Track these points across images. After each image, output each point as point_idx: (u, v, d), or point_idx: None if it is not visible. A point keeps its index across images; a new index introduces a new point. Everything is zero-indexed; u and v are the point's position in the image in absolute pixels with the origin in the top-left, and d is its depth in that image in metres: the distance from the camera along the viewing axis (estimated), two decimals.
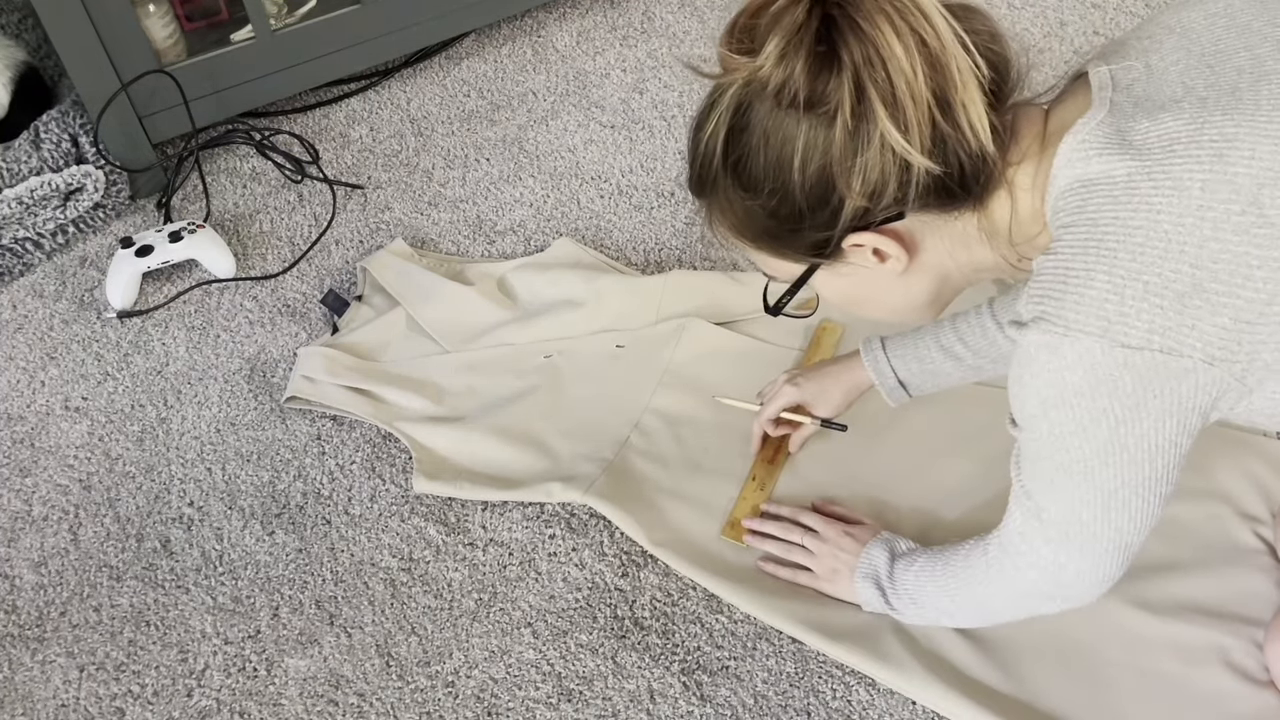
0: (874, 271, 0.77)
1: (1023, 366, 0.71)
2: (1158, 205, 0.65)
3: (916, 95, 0.67)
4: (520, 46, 1.77)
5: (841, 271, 0.78)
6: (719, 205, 0.78)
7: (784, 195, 0.72)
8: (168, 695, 1.05)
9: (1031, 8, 1.75)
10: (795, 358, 1.27)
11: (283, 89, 1.60)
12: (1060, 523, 0.77)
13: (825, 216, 0.73)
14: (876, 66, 0.66)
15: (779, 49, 0.68)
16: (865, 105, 0.67)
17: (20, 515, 1.21)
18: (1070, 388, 0.68)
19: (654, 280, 1.35)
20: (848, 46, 0.67)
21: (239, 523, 1.18)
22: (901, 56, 0.66)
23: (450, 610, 1.10)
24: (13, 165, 1.44)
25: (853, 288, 0.81)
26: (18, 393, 1.33)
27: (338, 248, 1.48)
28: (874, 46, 0.66)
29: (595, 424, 1.23)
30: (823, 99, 0.68)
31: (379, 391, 1.27)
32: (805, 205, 0.72)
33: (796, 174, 0.71)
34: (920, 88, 0.67)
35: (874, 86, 0.67)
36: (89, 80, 1.43)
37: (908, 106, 0.67)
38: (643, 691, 1.02)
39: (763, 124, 0.71)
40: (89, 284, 1.45)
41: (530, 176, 1.55)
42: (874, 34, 0.66)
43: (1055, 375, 0.68)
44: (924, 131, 0.68)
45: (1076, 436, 0.71)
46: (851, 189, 0.70)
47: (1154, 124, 0.67)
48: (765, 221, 0.75)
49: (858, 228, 0.73)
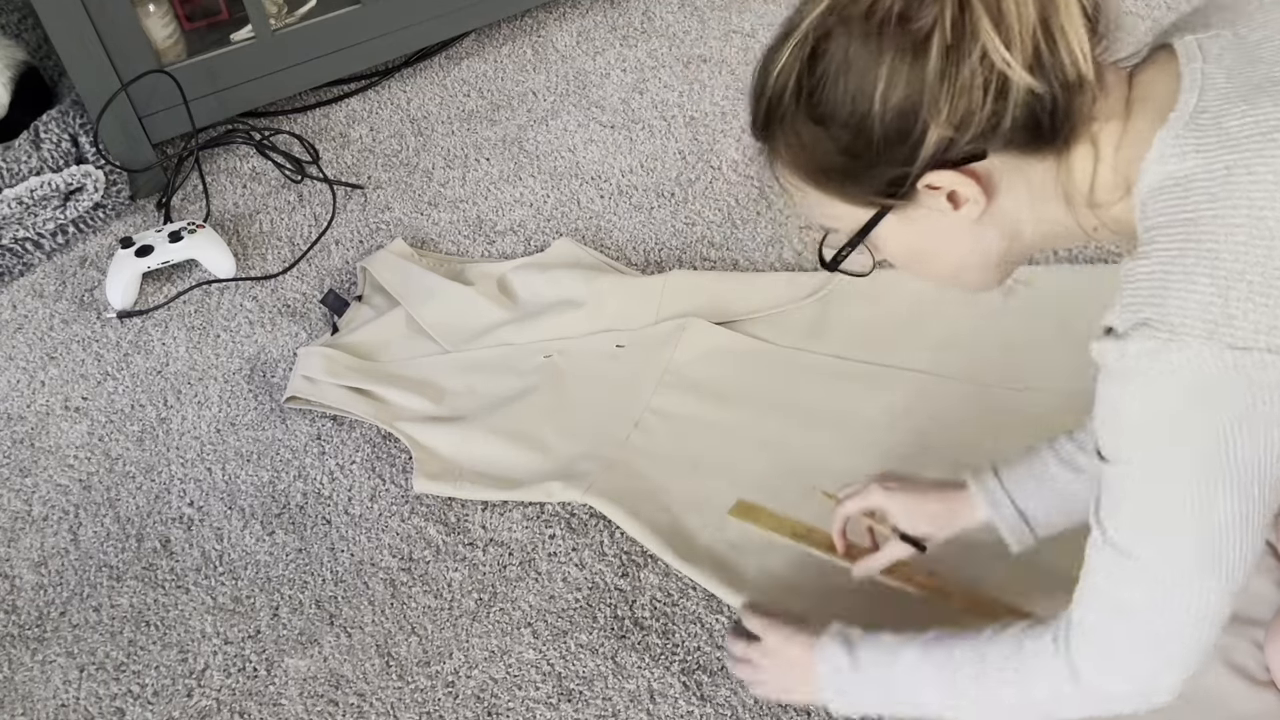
0: (946, 218, 0.72)
1: (1120, 383, 0.66)
2: (1259, 200, 0.62)
3: (1022, 10, 0.63)
4: (520, 46, 1.77)
5: (911, 217, 0.73)
6: (784, 142, 0.73)
7: (861, 126, 0.68)
8: (168, 695, 1.05)
9: None
10: (795, 358, 1.27)
11: (283, 89, 1.60)
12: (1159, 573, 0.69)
13: (904, 151, 0.68)
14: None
15: None
16: (968, 17, 0.63)
17: (20, 515, 1.21)
18: (1176, 398, 0.63)
19: (654, 280, 1.35)
20: None
21: (239, 523, 1.18)
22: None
23: (450, 610, 1.10)
24: (13, 165, 1.44)
25: (920, 237, 0.76)
26: (18, 393, 1.33)
27: (338, 248, 1.48)
28: None
29: (595, 424, 1.23)
30: (919, 14, 0.64)
31: (379, 391, 1.27)
32: (883, 137, 0.68)
33: (878, 102, 0.67)
34: (1029, 6, 0.63)
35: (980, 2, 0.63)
36: (89, 80, 1.43)
37: (1013, 21, 0.63)
38: (643, 691, 1.02)
39: (844, 50, 0.67)
40: (89, 284, 1.45)
41: (530, 176, 1.55)
42: None
43: (1160, 385, 0.64)
44: (1027, 49, 0.64)
45: (1179, 458, 0.65)
46: (939, 116, 0.66)
47: (1251, 108, 0.64)
48: (836, 158, 0.71)
49: (937, 164, 0.69)
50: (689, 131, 1.59)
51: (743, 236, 1.43)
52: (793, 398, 1.23)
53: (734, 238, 1.43)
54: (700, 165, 1.54)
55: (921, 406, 1.20)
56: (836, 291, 1.33)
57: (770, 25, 1.76)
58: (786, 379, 1.25)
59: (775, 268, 1.39)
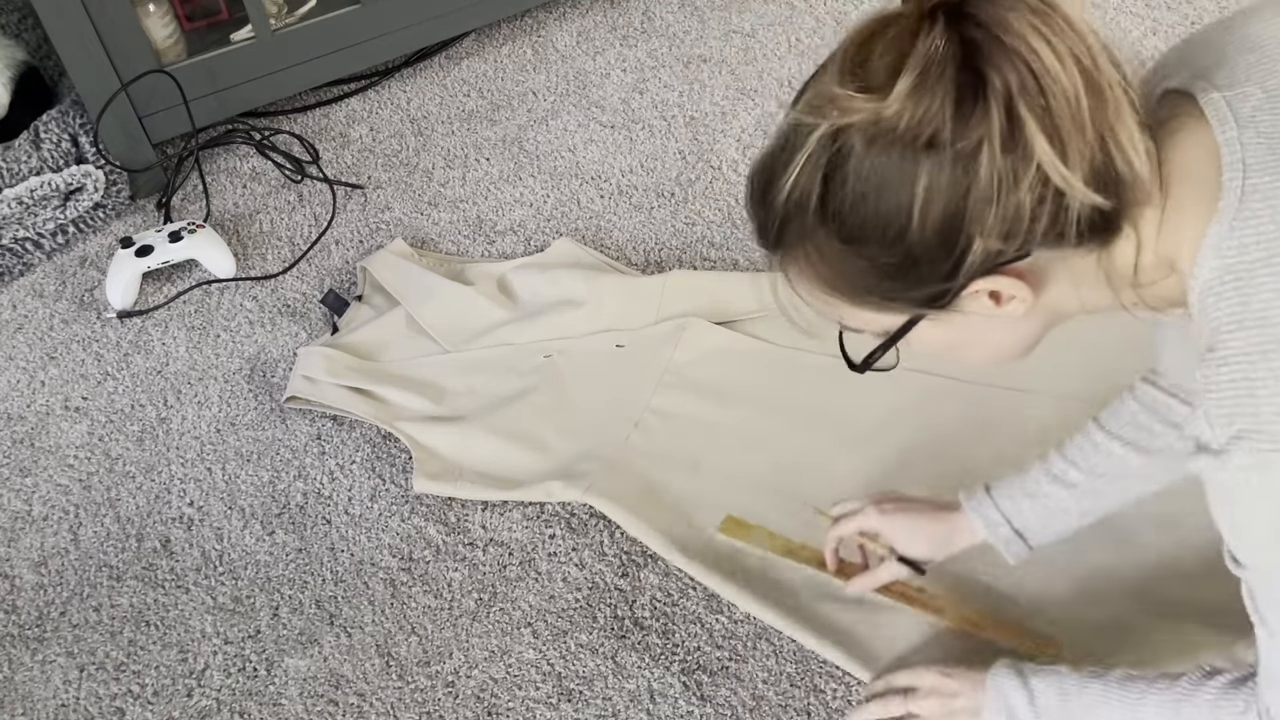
0: (989, 316, 0.68)
1: (1233, 499, 0.64)
2: None
3: (1079, 119, 0.59)
4: (520, 46, 1.77)
5: (951, 321, 0.69)
6: (805, 259, 0.68)
7: (897, 245, 0.64)
8: (168, 695, 1.05)
9: None
10: (795, 357, 1.27)
11: (283, 89, 1.60)
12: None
13: (947, 266, 0.64)
14: (1032, 91, 0.58)
15: (913, 84, 0.59)
16: (1019, 135, 0.59)
17: (20, 515, 1.21)
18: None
19: (654, 280, 1.35)
20: (998, 70, 0.59)
21: (239, 522, 1.18)
22: (1062, 78, 0.58)
23: (450, 610, 1.10)
24: (13, 165, 1.44)
25: (957, 334, 0.72)
26: (18, 393, 1.33)
27: (338, 248, 1.48)
28: (1029, 67, 0.58)
29: (595, 423, 1.23)
30: (963, 134, 0.60)
31: (379, 391, 1.27)
32: (923, 254, 0.64)
33: (915, 220, 0.62)
34: (1083, 111, 0.59)
35: (1031, 114, 0.59)
36: (89, 80, 1.43)
37: (1070, 134, 0.59)
38: (643, 691, 1.02)
39: (869, 166, 0.62)
40: (89, 284, 1.45)
41: (530, 176, 1.55)
42: (1026, 52, 0.58)
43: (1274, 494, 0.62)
44: (1085, 161, 0.60)
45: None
46: (986, 230, 0.62)
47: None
48: (869, 276, 0.66)
49: (983, 272, 0.65)
50: (689, 131, 1.59)
51: (743, 236, 1.43)
52: (793, 398, 1.23)
53: (734, 238, 1.43)
54: (700, 165, 1.54)
55: (921, 406, 1.20)
56: None
57: (770, 25, 1.76)
58: (786, 379, 1.25)
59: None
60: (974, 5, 0.59)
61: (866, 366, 0.75)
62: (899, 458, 1.16)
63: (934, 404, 1.19)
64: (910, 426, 1.19)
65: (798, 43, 1.73)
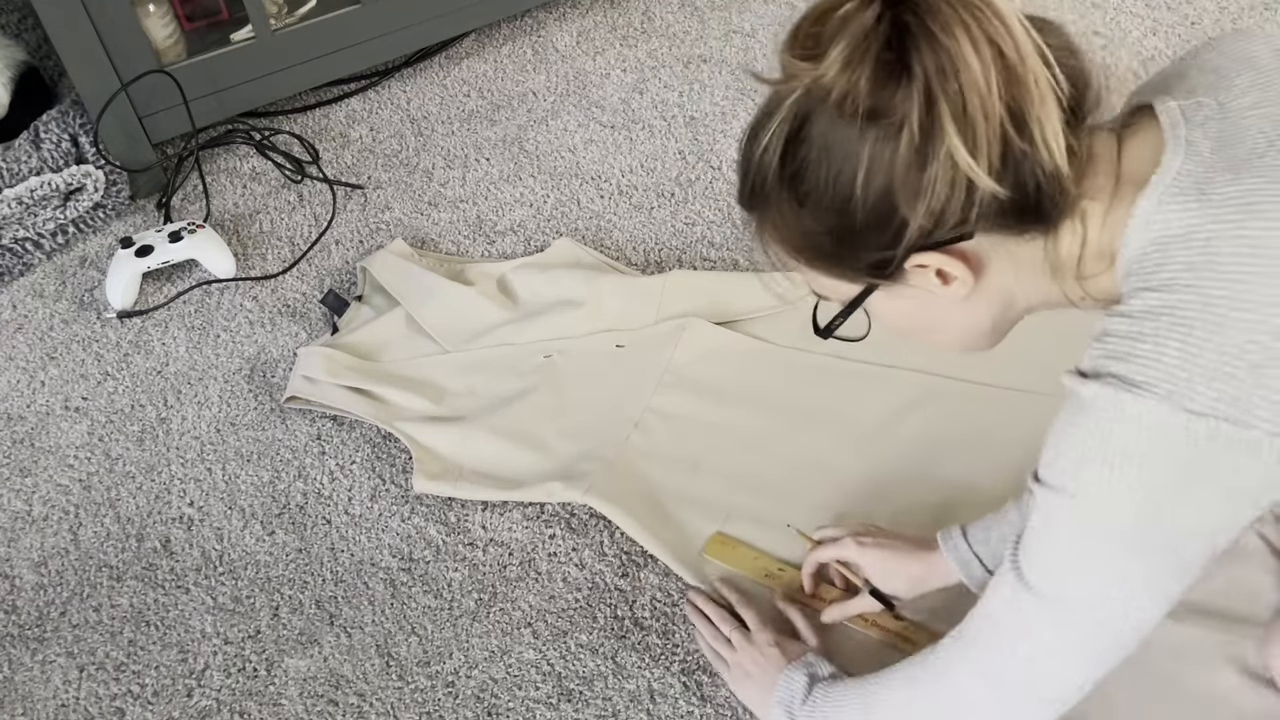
0: (936, 295, 0.72)
1: (1073, 414, 0.67)
2: (1236, 274, 0.62)
3: (989, 111, 0.62)
4: (520, 46, 1.77)
5: (901, 294, 0.73)
6: (772, 220, 0.74)
7: (844, 212, 0.68)
8: (168, 695, 1.05)
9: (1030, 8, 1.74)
10: (795, 357, 1.27)
11: (283, 89, 1.60)
12: (1053, 598, 0.70)
13: (887, 236, 0.68)
14: (949, 78, 0.62)
15: (844, 55, 0.64)
16: (934, 120, 0.63)
17: (20, 515, 1.21)
18: (1119, 444, 0.64)
19: (654, 280, 1.35)
20: (919, 56, 0.62)
21: (239, 523, 1.18)
22: (976, 69, 0.62)
23: (450, 610, 1.10)
24: (13, 165, 1.44)
25: (912, 312, 0.76)
26: (18, 393, 1.33)
27: (338, 248, 1.48)
28: (948, 56, 0.62)
29: (595, 424, 1.23)
30: (888, 110, 0.64)
31: (379, 391, 1.27)
32: (866, 223, 0.68)
33: (859, 190, 0.67)
34: (994, 103, 0.62)
35: (945, 100, 0.62)
36: (89, 80, 1.43)
37: (979, 123, 0.63)
38: (643, 691, 1.02)
39: (824, 136, 0.67)
40: (89, 284, 1.45)
41: (530, 176, 1.55)
42: (949, 43, 0.62)
43: (1107, 427, 0.64)
44: (994, 150, 0.63)
45: (1108, 501, 0.65)
46: (915, 209, 0.66)
47: (1235, 180, 0.64)
48: (822, 239, 0.71)
49: (922, 247, 0.69)
50: (689, 131, 1.59)
51: (743, 236, 1.43)
52: (792, 398, 1.23)
53: (734, 238, 1.43)
54: (700, 165, 1.54)
55: (920, 406, 1.20)
56: None
57: (770, 25, 1.76)
58: (786, 379, 1.25)
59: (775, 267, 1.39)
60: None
61: (828, 333, 0.80)
62: (899, 457, 1.16)
63: (934, 404, 1.19)
64: (910, 426, 1.19)
65: None
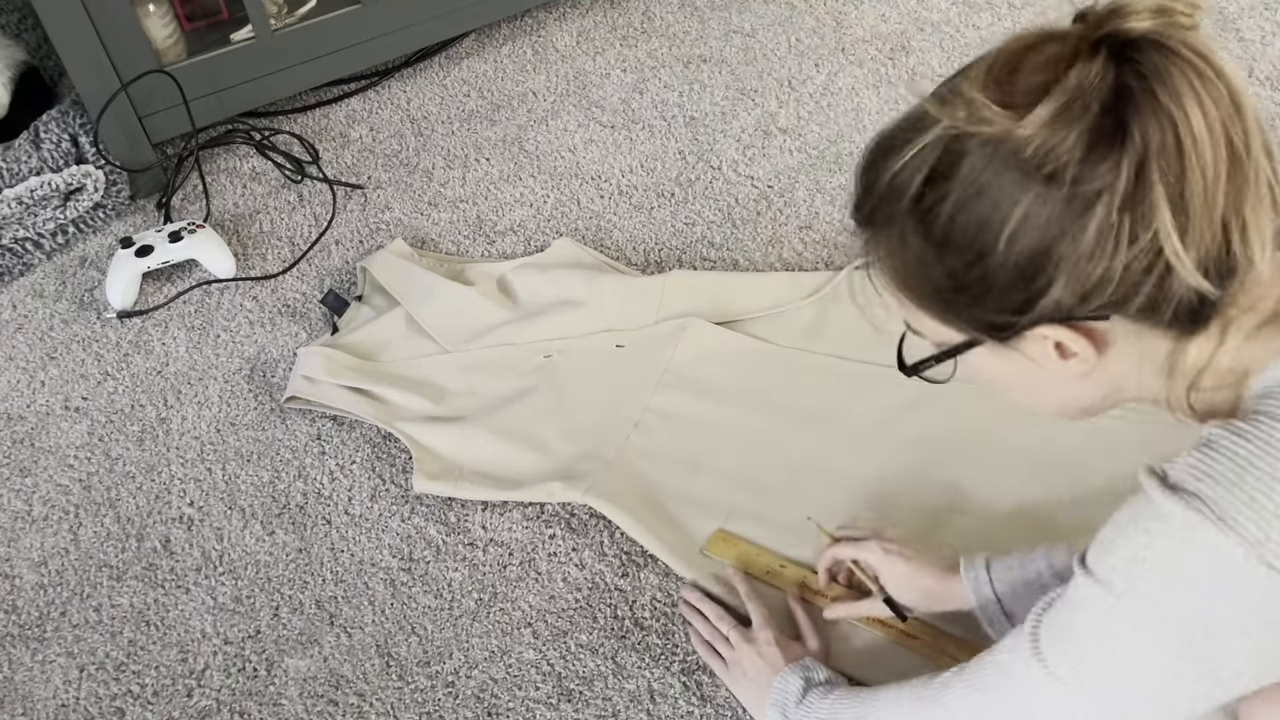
0: (1046, 366, 0.65)
1: (1142, 517, 0.61)
2: None
3: (1212, 200, 0.55)
4: (520, 46, 1.77)
5: (1008, 357, 0.66)
6: (888, 245, 0.66)
7: (978, 262, 0.61)
8: (168, 695, 1.05)
9: (1031, 7, 1.75)
10: (795, 358, 1.27)
11: (283, 89, 1.60)
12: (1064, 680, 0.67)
13: (1019, 300, 0.62)
14: (1171, 156, 0.55)
15: (1054, 113, 0.56)
16: (1143, 199, 0.56)
17: (20, 515, 1.21)
18: (1185, 568, 0.59)
19: (654, 280, 1.35)
20: (1141, 125, 0.55)
21: (239, 522, 1.18)
22: (1207, 151, 0.55)
23: (450, 610, 1.10)
24: (13, 165, 1.44)
25: (1013, 374, 0.69)
26: (18, 393, 1.33)
27: (338, 248, 1.48)
28: (1174, 132, 0.55)
29: (596, 424, 1.23)
30: (1084, 178, 0.57)
31: (379, 391, 1.27)
32: (1000, 280, 0.61)
33: (1003, 244, 0.60)
34: (1219, 192, 0.55)
35: (1161, 179, 0.55)
36: (89, 80, 1.43)
37: (1197, 211, 0.55)
38: (643, 691, 1.02)
39: (979, 176, 0.59)
40: (89, 284, 1.45)
41: (530, 176, 1.55)
42: (1178, 116, 0.55)
43: (1177, 549, 0.59)
44: (1205, 243, 0.56)
45: (1156, 613, 0.60)
46: (1071, 279, 0.59)
47: None
48: (942, 282, 0.64)
49: (1054, 319, 0.62)
50: (689, 131, 1.59)
51: (743, 236, 1.43)
52: (793, 398, 1.23)
53: (734, 238, 1.43)
54: (700, 165, 1.54)
55: (920, 406, 1.20)
56: (836, 291, 1.33)
57: (770, 25, 1.76)
58: (786, 379, 1.25)
59: (775, 268, 1.39)
60: (1141, 50, 0.56)
61: (914, 372, 0.74)
62: (899, 458, 1.16)
63: (934, 404, 1.19)
64: (910, 426, 1.19)
65: (798, 43, 1.73)
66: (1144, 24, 0.56)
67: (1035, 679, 0.68)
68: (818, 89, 1.64)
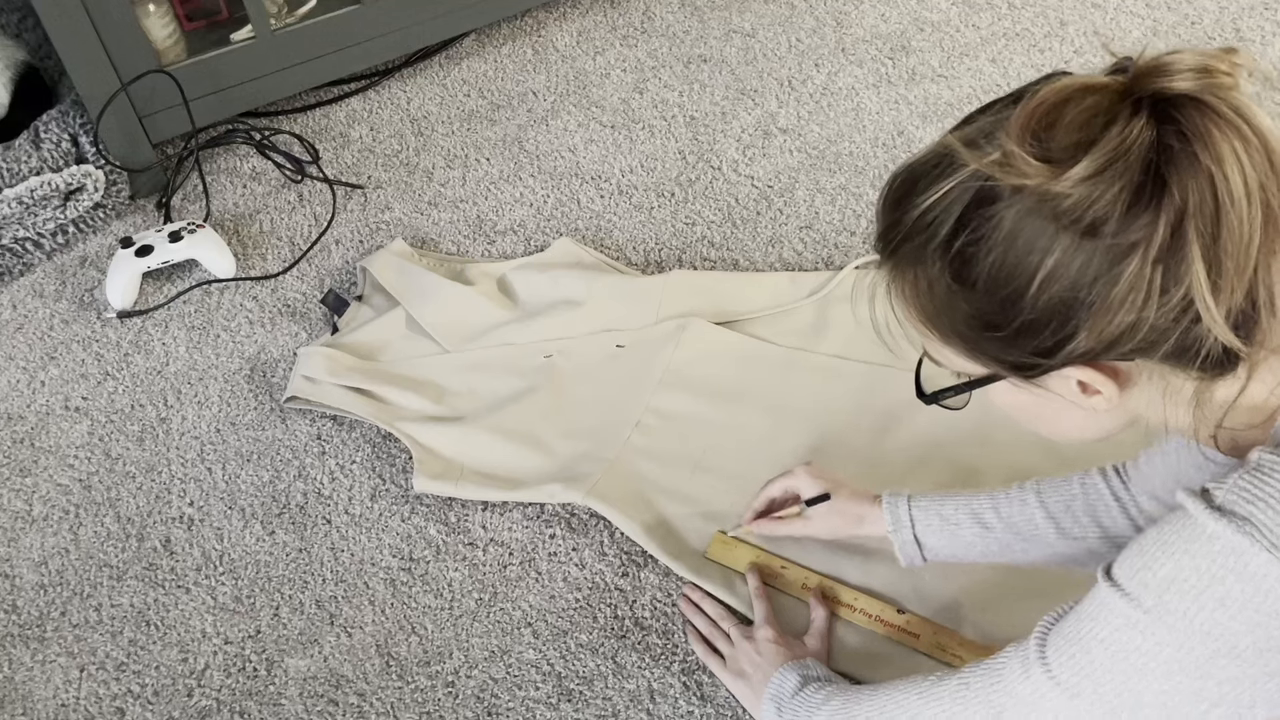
0: (1067, 401, 0.66)
1: (1182, 537, 0.60)
2: None
3: (1244, 259, 0.56)
4: (520, 46, 1.78)
5: (1030, 391, 0.67)
6: (913, 281, 0.66)
7: (1007, 306, 0.61)
8: (168, 695, 1.06)
9: (1031, 7, 1.75)
10: (795, 358, 1.27)
11: (283, 89, 1.60)
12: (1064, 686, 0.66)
13: (1046, 343, 0.62)
14: (1208, 216, 0.55)
15: (1094, 170, 0.56)
16: (1177, 254, 0.56)
17: (20, 515, 1.21)
18: (1222, 591, 0.58)
19: (654, 280, 1.35)
20: (1181, 183, 0.55)
21: (239, 522, 1.18)
22: (1244, 212, 0.55)
23: (450, 610, 1.10)
24: (13, 165, 1.44)
25: (1032, 406, 0.70)
26: (18, 393, 1.33)
27: (338, 248, 1.48)
28: (1213, 193, 0.55)
29: (596, 424, 1.23)
30: (1120, 231, 0.57)
31: (379, 391, 1.27)
32: (1028, 324, 0.61)
33: (1033, 289, 0.60)
34: (1253, 252, 0.55)
35: (1198, 238, 0.55)
36: (89, 80, 1.43)
37: (1229, 269, 0.56)
38: (643, 691, 1.02)
39: (1012, 222, 0.59)
40: (89, 284, 1.45)
41: (530, 176, 1.55)
42: (1218, 177, 0.55)
43: (1219, 571, 0.58)
44: (1236, 299, 0.56)
45: (1183, 634, 0.60)
46: (1100, 327, 0.59)
47: None
48: (969, 321, 0.64)
49: (1081, 362, 0.62)
50: (689, 131, 1.60)
51: (743, 236, 1.43)
52: (793, 398, 1.23)
53: (734, 238, 1.43)
54: (700, 165, 1.54)
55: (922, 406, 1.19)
56: (836, 291, 1.33)
57: (770, 25, 1.76)
58: (786, 379, 1.25)
59: (775, 268, 1.39)
60: (1183, 109, 0.56)
61: (934, 400, 0.74)
62: (898, 458, 1.16)
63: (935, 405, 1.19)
64: (910, 427, 1.19)
65: (798, 43, 1.73)
66: (1186, 84, 0.56)
67: (1035, 683, 0.68)
68: (818, 89, 1.64)
